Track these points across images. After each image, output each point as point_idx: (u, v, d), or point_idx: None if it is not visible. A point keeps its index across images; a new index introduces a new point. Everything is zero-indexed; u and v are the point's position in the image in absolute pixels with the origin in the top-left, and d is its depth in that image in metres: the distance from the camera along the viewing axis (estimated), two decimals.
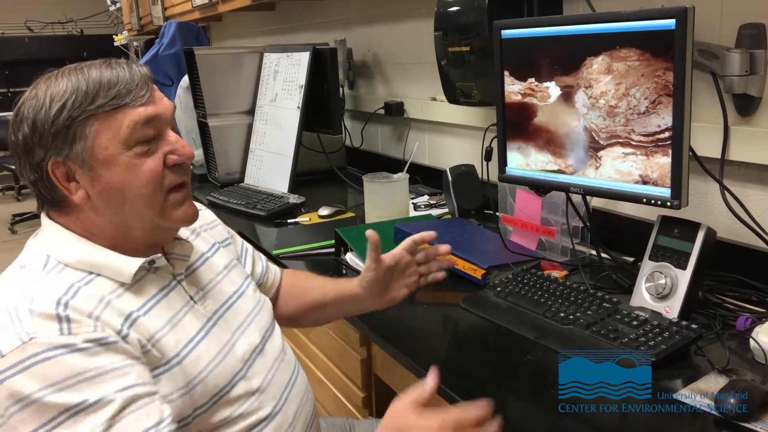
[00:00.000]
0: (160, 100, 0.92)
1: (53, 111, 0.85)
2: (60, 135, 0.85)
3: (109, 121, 0.86)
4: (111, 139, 0.86)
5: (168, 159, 0.90)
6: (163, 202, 0.91)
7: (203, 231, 1.11)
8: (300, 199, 2.11)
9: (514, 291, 1.28)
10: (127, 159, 0.87)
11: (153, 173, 0.89)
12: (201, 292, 1.00)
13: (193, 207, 0.95)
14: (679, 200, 1.12)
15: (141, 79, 0.89)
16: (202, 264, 1.04)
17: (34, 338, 0.77)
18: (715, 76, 1.27)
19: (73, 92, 0.85)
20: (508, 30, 1.34)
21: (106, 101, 0.85)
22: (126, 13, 5.63)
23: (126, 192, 0.88)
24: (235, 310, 1.03)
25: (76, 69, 0.88)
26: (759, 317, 1.13)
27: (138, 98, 0.88)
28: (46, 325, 0.78)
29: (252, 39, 3.89)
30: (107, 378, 0.78)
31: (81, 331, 0.79)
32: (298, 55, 2.30)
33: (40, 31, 8.54)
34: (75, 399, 0.75)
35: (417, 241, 1.16)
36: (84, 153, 0.86)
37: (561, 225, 1.47)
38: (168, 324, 0.90)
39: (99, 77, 0.86)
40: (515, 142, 1.39)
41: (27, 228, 6.14)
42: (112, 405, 0.77)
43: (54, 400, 0.75)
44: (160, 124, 0.90)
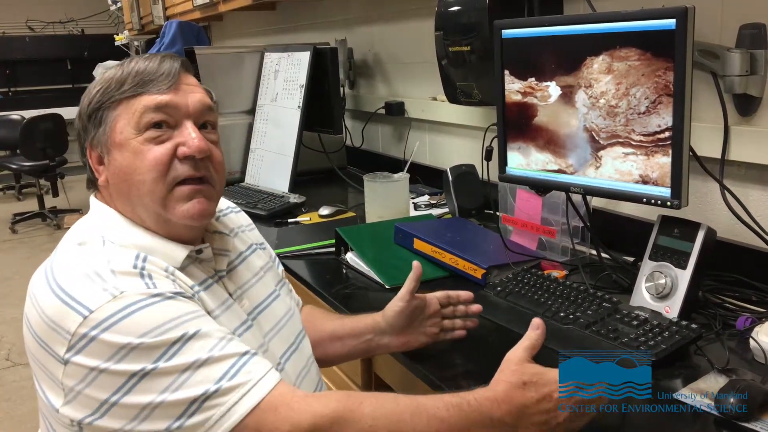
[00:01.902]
0: (185, 92, 0.92)
1: (91, 96, 0.92)
2: (92, 118, 0.91)
3: (128, 106, 0.89)
4: (126, 124, 0.89)
5: (178, 150, 0.90)
6: (167, 193, 0.89)
7: (241, 232, 1.11)
8: (300, 199, 2.11)
9: (515, 291, 1.28)
10: (136, 144, 0.88)
11: (156, 160, 0.88)
12: (239, 290, 1.00)
13: (200, 205, 0.91)
14: (679, 200, 1.12)
15: (167, 71, 0.90)
16: (240, 263, 1.04)
17: (124, 291, 0.79)
18: (716, 76, 1.27)
19: (110, 80, 0.91)
20: (509, 30, 1.34)
21: (129, 87, 0.89)
22: (127, 12, 5.63)
23: (131, 177, 0.89)
24: (270, 311, 1.03)
25: (126, 61, 0.94)
26: (759, 317, 1.13)
27: (158, 86, 0.89)
28: (132, 280, 0.81)
29: (253, 38, 3.90)
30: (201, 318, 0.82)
31: (163, 285, 0.83)
32: (299, 54, 2.30)
33: (41, 30, 8.55)
34: (176, 334, 0.78)
35: (452, 297, 1.14)
36: (104, 136, 0.90)
37: (561, 225, 1.47)
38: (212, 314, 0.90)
39: (133, 67, 0.91)
40: (515, 141, 1.39)
41: (27, 227, 6.15)
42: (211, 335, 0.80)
43: (156, 341, 0.77)
44: (176, 113, 0.90)
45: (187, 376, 0.77)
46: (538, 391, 0.81)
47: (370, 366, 1.38)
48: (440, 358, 1.13)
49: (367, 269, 1.49)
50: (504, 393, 0.81)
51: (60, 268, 0.83)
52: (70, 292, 0.79)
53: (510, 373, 0.83)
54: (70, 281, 0.80)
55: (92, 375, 0.76)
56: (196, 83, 0.95)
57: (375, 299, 1.40)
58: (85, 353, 0.76)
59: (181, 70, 0.93)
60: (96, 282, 0.79)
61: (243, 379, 0.79)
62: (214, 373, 0.78)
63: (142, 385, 0.76)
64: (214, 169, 0.94)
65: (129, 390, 0.76)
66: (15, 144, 6.38)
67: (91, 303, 0.77)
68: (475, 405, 0.81)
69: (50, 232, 6.01)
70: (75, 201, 6.83)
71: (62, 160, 6.34)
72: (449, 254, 1.45)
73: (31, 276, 0.87)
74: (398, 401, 0.82)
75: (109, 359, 0.76)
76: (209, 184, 0.93)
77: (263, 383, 0.80)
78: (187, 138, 0.90)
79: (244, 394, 0.78)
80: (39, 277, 0.85)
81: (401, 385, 1.21)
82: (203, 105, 0.94)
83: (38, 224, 6.25)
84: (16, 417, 2.95)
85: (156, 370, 0.76)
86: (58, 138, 6.18)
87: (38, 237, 5.90)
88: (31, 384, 3.43)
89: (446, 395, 0.83)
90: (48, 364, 0.80)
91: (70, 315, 0.77)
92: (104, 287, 0.79)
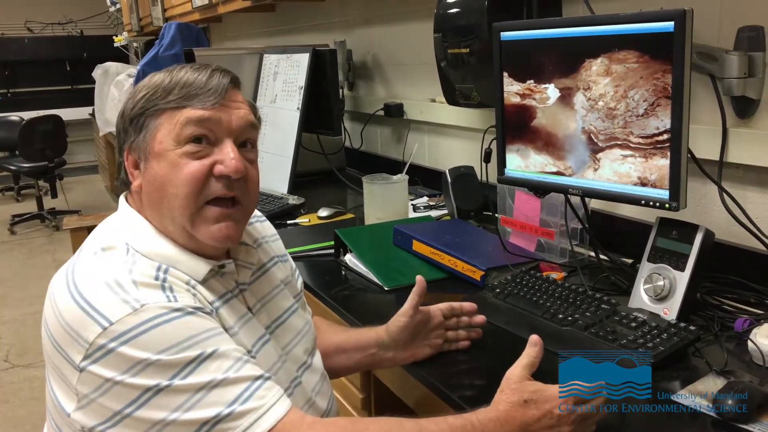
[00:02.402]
0: (229, 109, 0.90)
1: (135, 100, 0.91)
2: (134, 122, 0.90)
3: (171, 116, 0.88)
4: (167, 134, 0.88)
5: (215, 168, 0.88)
6: (197, 211, 0.88)
7: (264, 242, 1.10)
8: (299, 200, 2.11)
9: (513, 292, 1.29)
10: (174, 156, 0.88)
11: (192, 176, 0.87)
12: (258, 303, 1.00)
13: (227, 230, 0.90)
14: (677, 202, 1.12)
15: (215, 86, 0.89)
16: (262, 275, 1.04)
17: (145, 305, 0.78)
18: (714, 79, 1.27)
19: (156, 87, 0.90)
20: (508, 32, 1.34)
21: (175, 98, 0.88)
22: (126, 14, 5.64)
23: (165, 188, 0.88)
24: (287, 326, 1.03)
25: (173, 68, 0.92)
26: (757, 319, 1.13)
27: (203, 101, 0.88)
28: (154, 293, 0.81)
29: (252, 40, 3.90)
30: (217, 337, 0.82)
31: (185, 299, 0.83)
32: (298, 56, 2.31)
33: (40, 32, 8.55)
34: (193, 353, 0.78)
35: (456, 309, 1.14)
36: (144, 143, 0.90)
37: (560, 226, 1.48)
38: (231, 330, 0.90)
39: (181, 78, 0.90)
40: (514, 143, 1.39)
41: (26, 229, 6.15)
42: (228, 356, 0.80)
43: (174, 358, 0.77)
44: (217, 129, 0.89)
45: (200, 396, 0.77)
46: (540, 408, 0.82)
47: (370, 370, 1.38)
48: (439, 360, 1.13)
49: (366, 271, 1.49)
50: (506, 413, 0.82)
51: (81, 274, 0.83)
52: (90, 300, 0.78)
53: (510, 393, 0.84)
54: (91, 289, 0.80)
55: (107, 385, 0.76)
56: (243, 100, 0.94)
57: (374, 301, 1.40)
58: (101, 364, 0.76)
59: (230, 86, 0.91)
60: (117, 293, 0.79)
61: (256, 404, 0.79)
62: (227, 395, 0.78)
63: (156, 401, 0.76)
64: (248, 189, 0.93)
65: (143, 404, 0.76)
66: (14, 145, 6.38)
67: (111, 314, 0.77)
68: (479, 426, 0.82)
69: (49, 233, 6.01)
70: (74, 202, 6.83)
71: (61, 161, 6.34)
72: (448, 256, 1.46)
73: (29, 277, 0.88)
74: (403, 426, 0.83)
75: (125, 372, 0.76)
76: (240, 206, 0.93)
77: (275, 410, 0.80)
78: (225, 157, 0.89)
79: (256, 420, 0.79)
80: (60, 278, 0.84)
81: (400, 387, 1.21)
82: (247, 123, 0.92)
83: (37, 225, 6.24)
84: (14, 419, 2.94)
85: (171, 387, 0.76)
86: (57, 139, 6.18)
87: (37, 238, 5.89)
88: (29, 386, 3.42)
89: (450, 417, 0.84)
90: (63, 368, 0.80)
91: (89, 324, 0.77)
92: (125, 299, 0.78)
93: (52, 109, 6.95)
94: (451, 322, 1.14)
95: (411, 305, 1.08)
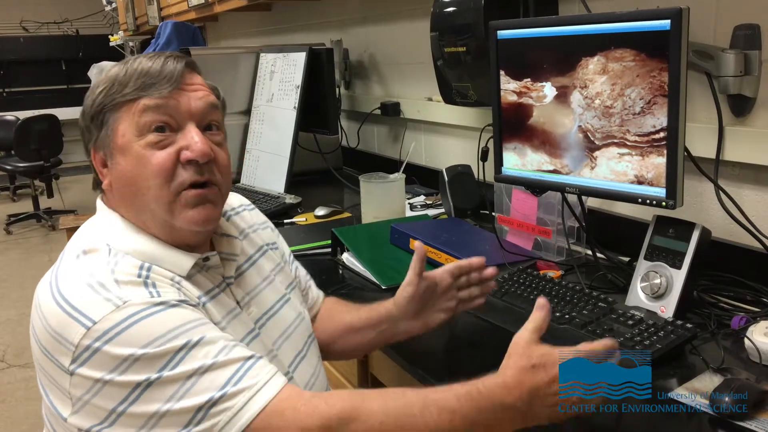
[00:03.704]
0: (187, 92, 0.89)
1: (93, 96, 0.89)
2: (94, 119, 0.89)
3: (129, 108, 0.87)
4: (128, 126, 0.87)
5: (182, 154, 0.87)
6: (173, 199, 0.87)
7: (252, 232, 1.08)
8: (296, 200, 2.11)
9: (510, 291, 1.29)
10: (139, 148, 0.86)
11: (160, 166, 0.86)
12: (247, 297, 0.98)
13: (207, 211, 0.90)
14: (674, 200, 1.13)
15: (170, 73, 0.87)
16: (249, 267, 1.02)
17: (127, 301, 0.78)
18: (710, 77, 1.27)
19: (113, 80, 0.88)
20: (504, 30, 1.34)
21: (131, 90, 0.87)
22: (122, 13, 5.62)
23: (135, 183, 0.87)
24: (278, 318, 1.02)
25: (130, 60, 0.91)
26: (753, 317, 1.13)
27: (160, 90, 0.87)
28: (135, 289, 0.80)
29: (248, 39, 3.89)
30: (205, 326, 0.81)
31: (168, 293, 0.82)
32: (295, 55, 2.30)
33: (36, 31, 8.52)
34: (179, 342, 0.77)
35: (464, 267, 1.09)
36: (107, 138, 0.88)
37: (557, 225, 1.48)
38: (219, 324, 0.89)
39: (137, 68, 0.88)
40: (511, 142, 1.39)
41: (22, 229, 6.13)
42: (215, 342, 0.80)
43: (159, 350, 0.76)
44: (178, 114, 0.88)
45: (191, 384, 0.76)
46: (548, 372, 0.79)
47: (366, 366, 1.38)
48: (436, 358, 1.13)
49: (363, 270, 1.49)
50: (513, 378, 0.79)
51: (64, 278, 0.82)
52: (73, 302, 0.78)
53: (518, 357, 0.81)
54: (74, 291, 0.79)
55: (98, 386, 0.76)
56: (201, 82, 0.92)
57: (371, 299, 1.39)
58: (89, 365, 0.76)
59: (186, 70, 0.90)
60: (99, 292, 0.78)
61: (249, 383, 0.78)
62: (219, 379, 0.77)
63: (147, 395, 0.76)
64: (219, 172, 0.91)
65: (135, 400, 0.76)
66: (9, 145, 6.36)
67: (94, 314, 0.76)
68: (486, 393, 0.79)
69: (45, 233, 6.00)
70: (70, 202, 6.81)
71: (57, 161, 6.33)
72: (445, 255, 1.46)
73: (25, 277, 0.88)
74: (406, 395, 0.81)
75: (113, 370, 0.75)
76: (215, 186, 0.91)
77: (269, 387, 0.79)
78: (190, 142, 0.87)
79: (250, 398, 0.78)
80: (44, 285, 0.83)
81: (397, 385, 1.21)
82: (206, 105, 0.91)
83: (33, 225, 6.23)
84: (11, 418, 2.94)
85: (160, 379, 0.76)
86: (52, 139, 6.17)
87: (33, 238, 5.88)
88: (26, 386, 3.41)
89: (455, 385, 0.81)
90: (54, 374, 0.79)
91: (73, 326, 0.76)
92: (107, 297, 0.78)
93: (48, 108, 6.93)
94: (461, 282, 1.10)
95: (414, 273, 1.05)
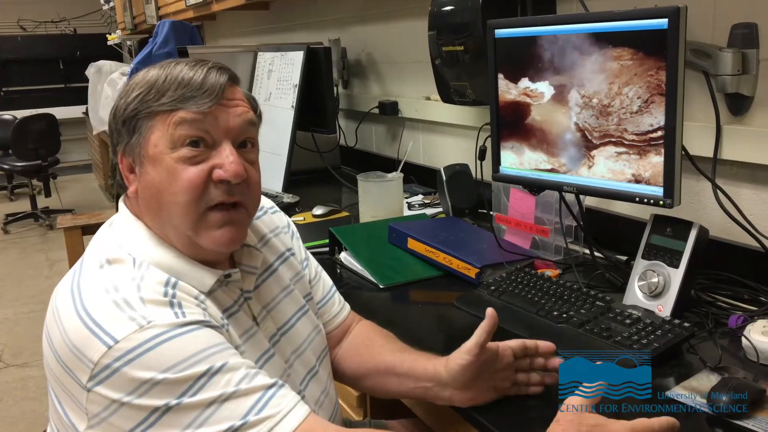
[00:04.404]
0: (227, 108, 0.86)
1: (128, 100, 0.86)
2: (126, 124, 0.87)
3: (164, 118, 0.84)
4: (161, 137, 0.84)
5: (214, 173, 0.85)
6: (199, 217, 0.85)
7: (274, 236, 1.06)
8: (294, 199, 2.10)
9: (508, 290, 1.29)
10: (171, 161, 0.84)
11: (191, 183, 0.84)
12: (264, 310, 0.97)
13: (232, 233, 0.87)
14: (671, 199, 1.13)
15: (211, 86, 0.85)
16: (268, 277, 1.00)
17: (152, 321, 0.76)
18: (708, 76, 1.27)
19: (150, 85, 0.86)
20: (502, 29, 1.34)
21: (169, 101, 0.84)
22: (119, 12, 5.62)
23: (163, 195, 0.85)
24: (294, 332, 1.00)
25: (170, 63, 0.88)
26: (751, 315, 1.13)
27: (199, 104, 0.84)
28: (161, 310, 0.78)
29: (246, 38, 3.89)
30: (226, 351, 0.79)
31: (194, 314, 0.80)
32: (292, 54, 2.30)
33: (33, 30, 8.51)
34: (201, 369, 0.76)
35: (530, 348, 0.97)
36: (138, 146, 0.86)
37: (554, 224, 1.48)
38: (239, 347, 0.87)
39: (176, 76, 0.85)
40: (509, 141, 1.39)
41: (20, 228, 6.12)
42: (237, 369, 0.78)
43: (180, 376, 0.74)
44: (215, 130, 0.85)
45: (211, 411, 0.75)
46: None
47: None
48: None
49: (361, 269, 1.49)
50: None
51: (87, 290, 0.80)
52: (96, 318, 0.76)
53: (567, 424, 0.77)
54: (97, 306, 0.77)
55: (115, 406, 0.75)
56: (241, 96, 0.90)
57: (369, 299, 1.40)
58: (106, 385, 0.74)
59: (228, 84, 0.87)
60: (124, 310, 0.76)
61: (271, 411, 0.77)
62: (240, 407, 0.76)
63: (166, 420, 0.74)
64: (249, 192, 0.89)
65: (152, 423, 0.74)
66: (7, 144, 6.35)
67: (116, 332, 0.75)
68: None
69: (43, 232, 5.99)
70: (67, 201, 6.81)
71: (54, 160, 6.32)
72: (443, 254, 1.46)
73: (23, 277, 0.87)
74: None
75: (131, 393, 0.74)
76: (243, 208, 0.89)
77: (292, 416, 0.78)
78: (225, 161, 0.85)
79: (272, 428, 0.76)
80: (65, 293, 0.81)
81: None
82: (244, 122, 0.88)
83: (31, 225, 6.22)
84: (8, 418, 2.93)
85: (180, 405, 0.74)
86: (50, 138, 6.16)
87: (30, 237, 5.87)
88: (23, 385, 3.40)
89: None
90: (71, 388, 0.77)
91: (94, 343, 0.74)
92: (132, 316, 0.76)
93: (46, 107, 6.92)
94: (523, 363, 0.98)
95: (477, 343, 0.91)
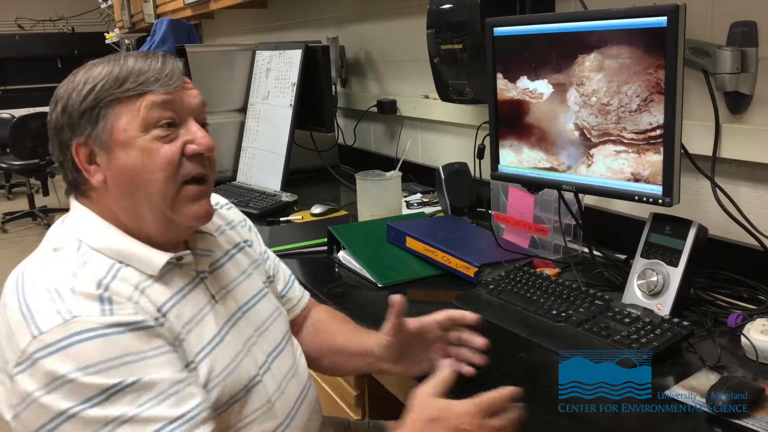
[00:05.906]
0: (188, 91, 0.92)
1: (83, 92, 0.88)
2: (85, 115, 0.87)
3: (131, 104, 0.87)
4: (130, 122, 0.87)
5: (187, 148, 0.89)
6: (176, 193, 0.89)
7: (230, 229, 1.09)
8: (292, 197, 2.10)
9: (507, 289, 1.28)
10: (144, 142, 0.87)
11: (168, 159, 0.87)
12: (223, 290, 0.98)
13: (207, 206, 0.92)
14: (670, 198, 1.12)
15: (172, 71, 0.89)
16: (227, 261, 1.03)
17: (77, 317, 0.76)
18: (707, 74, 1.27)
19: (105, 77, 0.88)
20: (501, 27, 1.34)
21: (133, 86, 0.87)
22: (117, 10, 5.61)
23: (139, 176, 0.87)
24: (255, 311, 1.02)
25: (116, 58, 0.91)
26: (750, 314, 1.13)
27: (165, 86, 0.88)
28: (89, 304, 0.79)
29: (244, 37, 3.88)
30: (146, 362, 0.79)
31: (122, 313, 0.80)
32: (291, 52, 2.30)
33: (31, 28, 8.49)
34: (111, 380, 0.75)
35: (457, 318, 1.00)
36: (104, 134, 0.87)
37: (553, 223, 1.47)
38: (190, 323, 0.89)
39: (133, 66, 0.88)
40: (508, 139, 1.39)
41: (18, 227, 6.11)
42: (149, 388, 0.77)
43: (91, 380, 0.75)
44: (181, 111, 0.90)
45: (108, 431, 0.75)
46: (448, 425, 0.80)
47: None
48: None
49: (360, 268, 1.48)
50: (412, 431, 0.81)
51: (29, 278, 0.82)
52: (30, 305, 0.78)
53: (418, 409, 0.82)
54: (33, 294, 0.79)
55: (28, 401, 0.75)
56: (190, 81, 0.95)
57: (367, 297, 1.40)
58: (27, 374, 0.75)
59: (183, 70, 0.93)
60: (54, 301, 0.78)
61: None
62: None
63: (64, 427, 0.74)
64: (211, 167, 0.94)
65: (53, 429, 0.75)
66: (5, 143, 6.33)
67: (42, 324, 0.76)
68: None
69: (41, 231, 5.97)
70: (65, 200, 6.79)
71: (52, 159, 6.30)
72: (442, 252, 1.45)
73: None
74: None
75: (42, 387, 0.74)
76: (209, 182, 0.94)
77: None
78: (195, 136, 0.90)
79: None
80: (11, 280, 0.83)
81: (394, 384, 1.21)
82: (201, 103, 0.94)
83: (29, 223, 6.21)
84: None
85: (80, 416, 0.74)
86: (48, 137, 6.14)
87: (29, 236, 5.86)
88: None
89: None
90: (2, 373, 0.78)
91: (24, 330, 0.76)
92: (59, 309, 0.77)
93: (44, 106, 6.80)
94: (452, 336, 1.02)
95: (390, 327, 1.00)
